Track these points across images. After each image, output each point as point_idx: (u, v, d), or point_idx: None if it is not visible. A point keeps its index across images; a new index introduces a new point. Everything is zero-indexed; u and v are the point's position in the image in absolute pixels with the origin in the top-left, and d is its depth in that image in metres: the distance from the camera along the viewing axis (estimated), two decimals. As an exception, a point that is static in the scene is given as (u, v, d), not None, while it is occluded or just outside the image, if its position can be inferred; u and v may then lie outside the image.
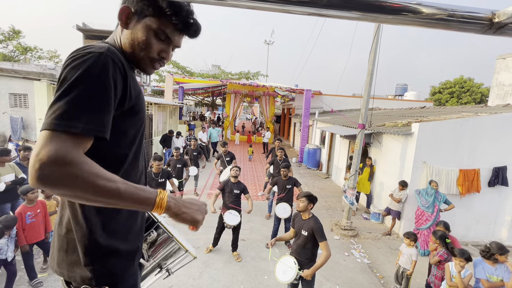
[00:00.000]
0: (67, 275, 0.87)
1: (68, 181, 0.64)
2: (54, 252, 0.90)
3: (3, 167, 4.21)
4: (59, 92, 0.69)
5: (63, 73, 0.72)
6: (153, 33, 0.87)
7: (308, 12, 0.69)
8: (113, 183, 0.69)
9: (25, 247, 3.32)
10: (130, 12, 0.86)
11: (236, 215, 4.30)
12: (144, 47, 0.87)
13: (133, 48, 0.88)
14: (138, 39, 0.86)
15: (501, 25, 0.66)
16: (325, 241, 2.79)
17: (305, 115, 12.88)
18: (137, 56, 0.89)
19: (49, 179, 0.63)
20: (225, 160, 6.42)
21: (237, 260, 4.35)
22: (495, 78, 9.73)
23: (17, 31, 22.73)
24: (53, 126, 0.66)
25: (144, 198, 0.74)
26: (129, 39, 0.88)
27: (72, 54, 0.74)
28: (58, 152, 0.63)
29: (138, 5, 0.84)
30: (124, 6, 0.85)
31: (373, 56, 5.22)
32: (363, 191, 6.79)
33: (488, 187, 5.67)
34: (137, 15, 0.86)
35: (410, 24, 0.70)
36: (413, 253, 3.69)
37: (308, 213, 2.98)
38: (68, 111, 0.67)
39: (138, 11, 0.85)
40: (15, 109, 9.28)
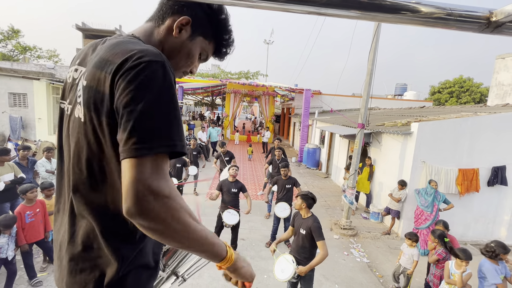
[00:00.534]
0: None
1: (167, 218, 0.59)
2: (63, 272, 0.76)
3: (2, 166, 4.21)
4: (134, 113, 0.60)
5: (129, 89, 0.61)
6: (200, 53, 0.88)
7: (307, 11, 0.69)
8: (200, 226, 0.65)
9: (24, 246, 3.32)
10: (189, 25, 0.83)
11: (234, 214, 4.30)
12: (188, 61, 0.87)
13: (175, 56, 0.85)
14: (187, 52, 0.85)
15: (499, 24, 0.66)
16: (323, 240, 2.79)
17: (304, 115, 12.89)
18: (175, 66, 0.87)
19: (150, 213, 0.58)
20: (224, 159, 6.43)
21: None
22: (494, 77, 9.74)
23: (16, 31, 22.69)
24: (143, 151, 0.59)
25: (218, 251, 0.73)
26: (175, 47, 0.84)
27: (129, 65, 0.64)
28: (161, 183, 0.59)
29: (198, 21, 0.84)
30: (187, 19, 0.82)
31: (373, 56, 5.22)
32: (363, 191, 6.80)
33: (487, 187, 5.68)
34: (193, 28, 0.84)
35: (408, 23, 0.70)
36: (415, 253, 3.72)
37: (307, 212, 2.99)
38: (153, 132, 0.61)
39: (195, 26, 0.84)
40: (15, 108, 9.28)
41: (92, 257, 0.73)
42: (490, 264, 2.97)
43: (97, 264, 0.73)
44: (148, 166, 0.59)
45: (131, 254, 0.74)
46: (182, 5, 0.82)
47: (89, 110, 0.69)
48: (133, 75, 0.62)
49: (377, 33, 5.08)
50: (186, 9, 0.82)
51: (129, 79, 0.62)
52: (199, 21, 0.84)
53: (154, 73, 0.63)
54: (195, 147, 7.33)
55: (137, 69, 0.63)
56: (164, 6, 0.83)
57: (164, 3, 0.83)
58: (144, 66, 0.63)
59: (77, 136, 0.73)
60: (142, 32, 0.84)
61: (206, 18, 0.85)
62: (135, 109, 0.60)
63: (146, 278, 0.81)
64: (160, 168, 0.61)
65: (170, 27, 0.82)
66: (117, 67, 0.64)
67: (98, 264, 0.72)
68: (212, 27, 0.86)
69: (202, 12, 0.84)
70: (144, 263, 0.80)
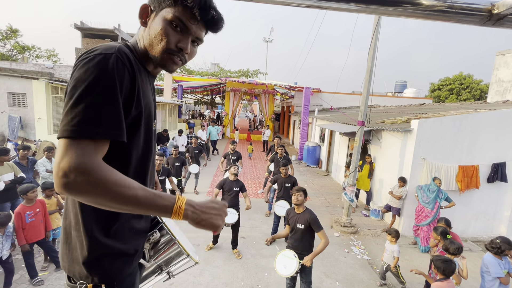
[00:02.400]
0: (68, 269, 0.88)
1: (90, 189, 0.66)
2: (60, 245, 0.92)
3: (2, 166, 4.21)
4: (73, 98, 0.68)
5: (73, 77, 0.72)
6: (169, 22, 0.84)
7: (307, 5, 0.69)
8: (132, 190, 0.70)
9: (25, 246, 3.32)
10: (149, 9, 0.87)
11: (233, 212, 4.31)
12: (161, 38, 0.85)
13: (151, 43, 0.87)
14: (155, 31, 0.85)
15: (500, 16, 0.66)
16: (322, 230, 2.93)
17: (304, 113, 12.87)
18: (156, 51, 0.87)
19: (73, 187, 0.65)
20: (231, 159, 6.36)
21: (237, 258, 4.36)
22: (494, 74, 9.73)
23: (14, 30, 22.59)
24: (72, 133, 0.66)
25: (162, 206, 0.74)
26: (147, 35, 0.88)
27: (81, 57, 0.74)
28: (80, 160, 0.65)
29: (156, 0, 0.86)
30: (144, 4, 0.86)
31: (372, 53, 5.20)
32: (363, 188, 6.80)
33: (487, 183, 5.68)
34: (155, 10, 0.86)
35: (409, 16, 0.69)
36: (395, 249, 3.79)
37: (302, 207, 3.08)
38: (85, 116, 0.67)
39: (156, 6, 0.86)
40: (14, 108, 9.24)
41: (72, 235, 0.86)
42: (494, 258, 2.98)
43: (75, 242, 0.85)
44: (73, 147, 0.66)
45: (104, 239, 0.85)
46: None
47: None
48: (79, 67, 0.72)
49: (377, 30, 5.06)
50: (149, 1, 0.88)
51: (74, 70, 0.73)
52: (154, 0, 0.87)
53: (96, 65, 0.71)
54: (197, 146, 7.32)
55: (84, 61, 0.72)
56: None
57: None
58: (90, 58, 0.72)
59: None
60: (134, 37, 0.93)
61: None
62: (69, 96, 0.69)
63: (123, 263, 0.91)
64: (84, 150, 0.67)
65: (141, 23, 0.89)
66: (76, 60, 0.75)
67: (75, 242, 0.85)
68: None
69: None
70: (122, 249, 0.89)
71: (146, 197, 0.72)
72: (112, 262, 0.88)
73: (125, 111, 0.79)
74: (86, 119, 0.67)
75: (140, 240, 1.00)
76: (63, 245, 0.89)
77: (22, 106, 9.25)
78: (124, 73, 0.76)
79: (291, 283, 3.14)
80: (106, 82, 0.71)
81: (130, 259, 0.94)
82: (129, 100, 0.80)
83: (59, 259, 0.93)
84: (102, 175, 0.66)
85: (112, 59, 0.73)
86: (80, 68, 0.71)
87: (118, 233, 0.89)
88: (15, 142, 8.32)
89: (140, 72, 0.86)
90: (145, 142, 0.93)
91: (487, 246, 3.04)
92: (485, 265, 2.99)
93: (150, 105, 0.94)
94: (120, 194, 0.68)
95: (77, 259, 0.85)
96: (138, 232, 0.97)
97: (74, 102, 0.68)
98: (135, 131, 0.86)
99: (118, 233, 0.89)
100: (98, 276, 0.86)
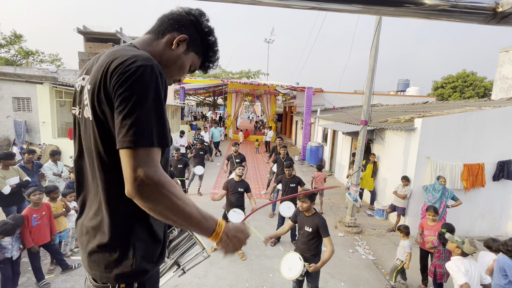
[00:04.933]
0: (100, 276, 0.87)
1: (159, 198, 0.72)
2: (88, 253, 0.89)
3: (7, 170, 4.25)
4: (129, 110, 0.72)
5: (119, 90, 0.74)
6: (189, 65, 1.03)
7: (308, 6, 0.69)
8: (188, 207, 0.77)
9: (34, 247, 3.36)
10: (186, 42, 0.98)
11: (240, 213, 4.31)
12: (180, 72, 1.02)
13: (170, 66, 0.98)
14: (181, 64, 1.00)
15: (505, 14, 0.65)
16: (329, 236, 2.88)
17: (306, 113, 12.85)
18: (169, 74, 1.00)
19: (147, 194, 0.71)
20: (235, 161, 6.29)
21: (241, 259, 4.36)
22: (499, 71, 9.63)
23: (18, 35, 22.87)
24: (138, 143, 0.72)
25: (205, 228, 0.82)
26: (172, 59, 0.98)
27: (119, 69, 0.75)
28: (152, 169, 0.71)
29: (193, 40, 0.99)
30: (185, 37, 0.96)
31: (374, 52, 5.19)
32: (367, 188, 6.77)
33: (492, 181, 5.62)
34: (188, 45, 0.99)
35: (412, 16, 0.69)
36: (405, 245, 3.79)
37: (310, 211, 3.02)
38: (145, 127, 0.73)
39: (190, 43, 0.99)
40: (19, 112, 9.36)
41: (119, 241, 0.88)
42: (510, 260, 2.88)
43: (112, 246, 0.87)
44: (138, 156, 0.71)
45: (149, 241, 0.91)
46: (182, 25, 0.97)
47: (93, 109, 0.80)
48: (126, 78, 0.74)
49: (379, 29, 5.04)
50: (184, 28, 0.97)
51: (122, 81, 0.74)
52: (194, 40, 1.00)
53: (143, 75, 0.74)
54: (201, 147, 7.35)
55: (129, 72, 0.74)
56: (165, 23, 0.97)
57: (165, 21, 0.97)
58: (135, 69, 0.74)
59: (88, 133, 0.86)
60: (140, 42, 0.97)
61: (200, 38, 1.01)
62: (126, 108, 0.72)
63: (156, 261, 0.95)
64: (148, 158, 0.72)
65: (170, 42, 0.96)
66: (113, 70, 0.76)
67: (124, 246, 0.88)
68: (203, 46, 1.03)
69: (197, 33, 1.00)
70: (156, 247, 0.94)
71: (196, 216, 0.79)
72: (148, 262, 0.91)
73: None
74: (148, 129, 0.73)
75: (166, 241, 1.05)
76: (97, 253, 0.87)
77: (27, 110, 9.36)
78: (164, 82, 0.82)
79: (297, 287, 3.11)
80: (155, 92, 0.76)
81: (160, 259, 0.99)
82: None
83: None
84: (167, 187, 0.73)
85: (155, 70, 0.78)
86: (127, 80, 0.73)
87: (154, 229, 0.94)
88: (20, 146, 8.41)
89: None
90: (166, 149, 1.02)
91: (502, 248, 2.90)
92: (502, 268, 2.82)
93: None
94: (179, 207, 0.75)
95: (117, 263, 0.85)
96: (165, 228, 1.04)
97: (132, 113, 0.72)
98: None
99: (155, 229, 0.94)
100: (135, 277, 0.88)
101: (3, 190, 4.10)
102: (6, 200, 4.25)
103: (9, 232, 3.09)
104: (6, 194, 4.13)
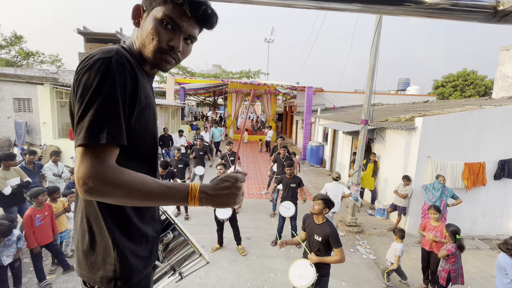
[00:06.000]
0: (87, 276, 0.88)
1: (109, 192, 0.70)
2: (76, 252, 0.93)
3: (8, 171, 4.26)
4: (81, 107, 0.71)
5: (78, 85, 0.73)
6: (160, 21, 0.84)
7: (308, 6, 0.69)
8: (146, 186, 0.73)
9: (37, 248, 3.37)
10: (141, 9, 0.87)
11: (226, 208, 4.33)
12: (152, 38, 0.85)
13: (143, 43, 0.87)
14: (146, 31, 0.85)
15: (506, 13, 0.65)
16: (341, 247, 2.66)
17: (307, 113, 12.84)
18: (148, 51, 0.87)
19: (93, 192, 0.69)
20: (229, 159, 6.39)
21: (242, 254, 4.39)
22: (499, 70, 9.60)
23: (19, 36, 22.91)
24: (83, 141, 0.70)
25: (178, 197, 0.77)
26: (140, 36, 0.88)
27: (82, 63, 0.75)
28: (93, 168, 0.69)
29: (147, 0, 0.86)
30: (136, 5, 0.87)
31: (375, 51, 5.18)
32: (368, 187, 6.76)
33: (493, 180, 5.62)
34: (147, 10, 0.86)
35: (412, 14, 0.69)
36: (397, 248, 3.82)
37: (322, 217, 2.85)
38: (91, 125, 0.70)
39: (147, 6, 0.86)
40: (19, 113, 9.37)
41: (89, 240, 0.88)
42: (510, 259, 2.88)
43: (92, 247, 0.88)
44: (86, 155, 0.70)
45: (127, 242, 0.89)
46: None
47: (71, 109, 0.80)
48: (80, 75, 0.73)
49: (379, 28, 5.04)
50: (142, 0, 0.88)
51: (77, 79, 0.74)
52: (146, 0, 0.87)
53: (93, 71, 0.72)
54: (201, 147, 7.36)
55: (83, 69, 0.73)
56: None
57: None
58: (88, 66, 0.73)
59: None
60: (129, 39, 0.94)
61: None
62: (78, 105, 0.72)
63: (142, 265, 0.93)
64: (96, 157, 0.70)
65: (135, 22, 0.90)
66: (76, 68, 0.77)
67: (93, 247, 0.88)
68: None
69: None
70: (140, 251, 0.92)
71: (161, 191, 0.75)
72: (132, 265, 0.89)
73: (131, 112, 0.80)
74: (92, 128, 0.70)
75: (154, 241, 1.03)
76: (81, 252, 0.88)
77: (27, 111, 9.37)
78: (125, 75, 0.76)
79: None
80: (109, 87, 0.72)
81: (148, 261, 0.97)
82: (134, 101, 0.81)
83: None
84: (117, 178, 0.70)
85: (112, 62, 0.74)
86: (83, 75, 0.73)
87: (136, 236, 0.91)
88: (21, 147, 8.42)
89: (140, 73, 0.86)
90: (152, 140, 0.96)
91: (502, 247, 2.87)
92: (502, 267, 2.83)
93: (154, 105, 0.95)
94: (137, 192, 0.72)
95: (99, 264, 0.86)
96: (152, 234, 1.00)
97: (82, 111, 0.71)
98: (143, 130, 0.88)
99: (137, 235, 0.91)
100: (118, 280, 0.87)
101: (4, 191, 4.10)
102: (7, 201, 4.25)
103: (5, 233, 3.08)
104: (7, 194, 4.14)
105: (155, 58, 0.87)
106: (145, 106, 0.87)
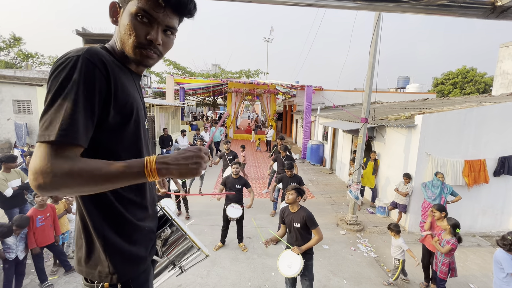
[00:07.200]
0: (85, 272, 0.90)
1: (60, 185, 0.69)
2: (75, 249, 0.95)
3: (9, 173, 4.27)
4: (45, 104, 0.72)
5: (47, 82, 0.75)
6: (135, 16, 0.82)
7: (307, 3, 0.68)
8: (98, 171, 0.71)
9: (36, 249, 3.38)
10: (117, 6, 0.85)
11: (237, 208, 4.50)
12: (129, 33, 0.83)
13: (122, 40, 0.85)
14: (124, 27, 0.83)
15: (504, 8, 0.65)
16: (317, 226, 2.94)
17: (307, 111, 12.84)
18: (128, 48, 0.85)
19: (42, 187, 0.68)
20: (227, 158, 6.42)
21: (243, 251, 4.44)
22: (499, 67, 9.60)
23: (17, 38, 22.89)
24: (38, 137, 0.71)
25: (134, 174, 0.75)
26: (118, 33, 0.86)
27: (54, 63, 0.76)
28: (42, 163, 0.68)
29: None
30: (112, 2, 0.84)
31: (374, 49, 5.17)
32: (368, 185, 6.76)
33: (494, 177, 5.61)
34: (123, 6, 0.84)
35: (411, 11, 0.69)
36: (400, 243, 3.80)
37: (296, 205, 3.05)
38: (48, 122, 0.70)
39: (122, 2, 0.84)
40: (19, 115, 9.38)
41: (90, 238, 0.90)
42: (507, 254, 2.90)
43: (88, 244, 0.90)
44: (37, 151, 0.70)
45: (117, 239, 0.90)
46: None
47: None
48: (50, 74, 0.74)
49: (378, 25, 5.03)
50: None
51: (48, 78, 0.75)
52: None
53: (60, 69, 0.73)
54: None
55: (53, 68, 0.74)
56: None
57: None
58: (57, 65, 0.74)
59: None
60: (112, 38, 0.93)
61: None
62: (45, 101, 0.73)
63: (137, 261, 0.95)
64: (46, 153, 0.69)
65: (113, 21, 0.88)
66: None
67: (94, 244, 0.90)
68: None
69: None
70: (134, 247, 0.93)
71: (115, 172, 0.73)
72: (126, 261, 0.91)
73: (104, 111, 0.79)
74: (47, 125, 0.70)
75: (150, 238, 1.03)
76: (79, 249, 0.91)
77: (27, 113, 9.38)
78: (93, 73, 0.74)
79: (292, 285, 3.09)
80: (70, 86, 0.71)
81: (143, 257, 0.98)
82: (107, 100, 0.79)
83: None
84: (65, 170, 0.68)
85: (79, 61, 0.73)
86: (51, 73, 0.74)
87: (128, 232, 0.92)
88: (21, 149, 8.42)
89: (120, 71, 0.84)
90: (136, 139, 0.92)
91: (499, 242, 2.94)
92: (498, 262, 2.90)
93: (137, 104, 0.91)
94: (90, 178, 0.70)
95: (95, 261, 0.88)
96: (147, 230, 1.01)
97: (44, 108, 0.72)
98: (120, 129, 0.85)
99: (128, 232, 0.92)
100: (114, 276, 0.89)
101: (5, 193, 4.11)
102: (8, 202, 4.26)
103: (5, 234, 3.11)
104: (8, 196, 4.15)
105: (135, 54, 0.85)
106: (125, 104, 0.84)
